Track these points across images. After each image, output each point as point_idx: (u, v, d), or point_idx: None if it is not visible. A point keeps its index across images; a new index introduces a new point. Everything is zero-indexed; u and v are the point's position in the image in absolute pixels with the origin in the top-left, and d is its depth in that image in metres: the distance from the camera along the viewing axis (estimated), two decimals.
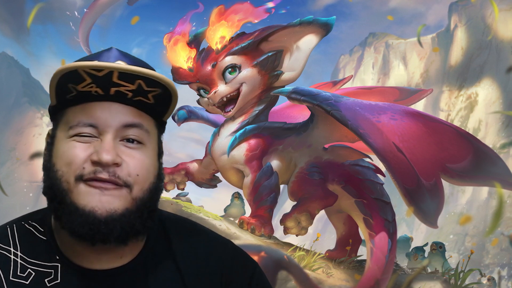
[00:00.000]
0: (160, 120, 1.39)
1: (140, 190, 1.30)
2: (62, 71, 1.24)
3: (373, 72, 13.71)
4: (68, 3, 11.30)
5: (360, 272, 4.69)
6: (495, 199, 9.50)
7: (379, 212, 4.55)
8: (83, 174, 1.26)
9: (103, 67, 1.23)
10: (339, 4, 11.90)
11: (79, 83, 1.26)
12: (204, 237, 1.49)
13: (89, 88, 1.27)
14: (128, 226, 1.29)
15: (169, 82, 1.28)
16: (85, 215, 1.25)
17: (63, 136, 1.31)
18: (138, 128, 1.31)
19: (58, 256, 1.34)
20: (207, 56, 4.69)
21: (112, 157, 1.26)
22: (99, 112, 1.29)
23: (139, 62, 1.35)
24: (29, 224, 1.39)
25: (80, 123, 1.29)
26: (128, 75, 1.25)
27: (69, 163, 1.28)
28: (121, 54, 1.35)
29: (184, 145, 11.67)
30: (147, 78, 1.26)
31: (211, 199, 8.30)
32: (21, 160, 12.05)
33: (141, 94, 1.29)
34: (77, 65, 1.23)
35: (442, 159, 4.46)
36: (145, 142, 1.32)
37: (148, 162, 1.32)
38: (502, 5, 10.65)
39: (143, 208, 1.31)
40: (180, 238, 1.45)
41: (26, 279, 1.31)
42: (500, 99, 10.98)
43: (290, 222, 4.59)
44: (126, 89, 1.27)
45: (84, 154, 1.27)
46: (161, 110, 1.35)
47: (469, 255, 5.35)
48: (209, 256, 1.44)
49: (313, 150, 4.74)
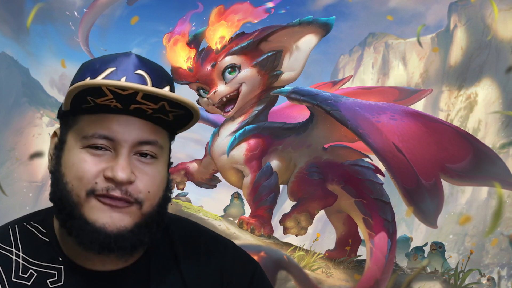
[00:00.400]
0: (174, 133, 1.37)
1: (150, 206, 1.28)
2: (84, 87, 1.20)
3: (372, 72, 13.71)
4: (68, 3, 11.30)
5: (359, 272, 4.69)
6: (495, 199, 9.50)
7: (378, 212, 4.55)
8: (95, 189, 1.24)
9: (129, 88, 1.19)
10: (339, 4, 11.89)
11: (99, 97, 1.22)
12: (205, 237, 1.49)
13: (109, 102, 1.23)
14: (137, 241, 1.28)
15: (194, 106, 1.23)
16: (95, 232, 1.24)
17: (74, 144, 1.27)
18: (152, 145, 1.29)
19: (61, 258, 1.34)
20: (207, 56, 4.69)
21: (127, 176, 1.24)
22: (116, 126, 1.25)
23: (159, 72, 1.32)
24: (30, 225, 1.38)
25: (96, 135, 1.25)
26: (153, 96, 1.21)
27: (80, 177, 1.25)
28: (141, 62, 1.30)
29: (184, 145, 11.66)
30: (173, 101, 1.22)
31: (210, 199, 8.29)
32: (21, 160, 12.03)
33: (162, 112, 1.26)
34: (101, 83, 1.19)
35: (441, 159, 4.46)
36: (158, 157, 1.30)
37: (159, 178, 1.30)
38: (502, 5, 10.65)
39: (152, 223, 1.30)
40: (182, 239, 1.44)
41: (28, 280, 1.30)
42: (499, 99, 10.97)
43: (289, 222, 4.60)
44: (147, 107, 1.24)
45: (96, 168, 1.25)
46: (177, 127, 1.33)
47: (468, 255, 5.35)
48: (210, 256, 1.44)
49: (312, 150, 4.74)
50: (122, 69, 1.27)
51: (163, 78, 1.32)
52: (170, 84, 1.33)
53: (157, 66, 1.33)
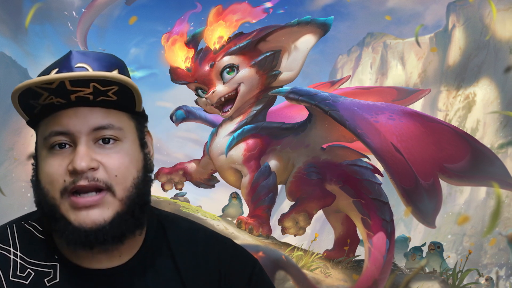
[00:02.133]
0: (134, 112, 1.36)
1: (123, 189, 1.30)
2: (18, 91, 1.25)
3: (371, 72, 13.70)
4: (66, 3, 11.29)
5: (358, 272, 4.69)
6: (493, 199, 9.49)
7: (377, 212, 4.55)
8: (66, 187, 1.27)
9: (51, 80, 1.22)
10: (337, 4, 11.88)
11: (39, 98, 1.26)
12: (202, 235, 1.49)
13: (50, 100, 1.26)
14: (120, 230, 1.29)
15: (121, 78, 1.25)
16: (75, 231, 1.27)
17: (41, 150, 1.32)
18: (109, 129, 1.30)
19: (56, 256, 1.35)
20: (205, 56, 4.69)
21: (86, 163, 1.26)
22: (66, 119, 1.29)
23: (103, 59, 1.34)
24: (28, 224, 1.40)
25: (52, 133, 1.29)
26: (79, 80, 1.23)
27: (50, 181, 1.28)
28: (82, 55, 1.33)
29: (182, 145, 11.65)
30: (99, 79, 1.24)
31: (209, 199, 8.28)
32: (19, 160, 12.02)
33: (101, 94, 1.27)
34: (28, 83, 1.23)
35: (440, 159, 4.46)
36: (121, 139, 1.31)
37: (127, 160, 1.31)
38: (500, 5, 10.65)
39: (133, 206, 1.31)
40: (179, 236, 1.45)
41: (26, 279, 1.31)
42: (498, 99, 10.97)
43: (288, 222, 4.59)
44: (85, 93, 1.26)
45: (61, 168, 1.28)
46: (128, 103, 1.33)
47: (467, 255, 5.35)
48: (208, 254, 1.45)
49: (311, 150, 4.74)
50: (64, 67, 1.30)
51: (109, 64, 1.34)
52: (119, 67, 1.34)
53: (101, 55, 1.35)
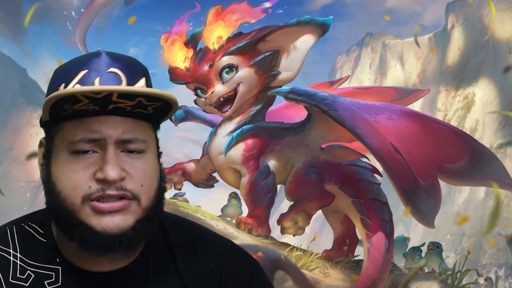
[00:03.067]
0: (158, 123, 1.36)
1: (147, 199, 1.28)
2: (58, 97, 1.19)
3: (370, 72, 13.72)
4: (65, 3, 11.29)
5: (357, 272, 4.69)
6: (492, 199, 9.51)
7: (376, 212, 4.55)
8: (90, 193, 1.23)
9: (102, 90, 1.18)
10: (336, 4, 11.90)
11: (76, 104, 1.21)
12: (203, 237, 1.48)
13: (86, 107, 1.22)
14: (142, 236, 1.29)
15: (170, 97, 1.23)
16: (98, 236, 1.24)
17: (61, 151, 1.27)
18: (136, 142, 1.28)
19: (58, 259, 1.33)
20: (204, 56, 4.69)
21: (118, 174, 1.23)
22: (98, 126, 1.25)
23: (132, 65, 1.32)
24: (28, 226, 1.38)
25: (83, 140, 1.24)
26: (128, 94, 1.21)
27: (73, 186, 1.24)
28: (112, 59, 1.29)
29: (181, 145, 11.66)
30: (148, 95, 1.22)
31: (208, 199, 8.29)
32: (18, 160, 12.03)
33: (140, 107, 1.25)
34: (74, 91, 1.17)
35: (439, 159, 4.46)
36: (145, 150, 1.30)
37: (150, 170, 1.30)
38: (499, 5, 10.66)
39: (152, 215, 1.30)
40: (180, 238, 1.44)
41: (26, 281, 1.30)
42: (497, 99, 10.99)
43: (287, 222, 4.59)
44: (125, 105, 1.23)
45: (87, 174, 1.24)
46: (159, 117, 1.32)
47: (466, 255, 5.36)
48: (209, 255, 1.44)
49: (310, 150, 4.74)
50: (94, 70, 1.27)
51: (138, 71, 1.32)
52: (145, 75, 1.33)
53: (129, 60, 1.33)
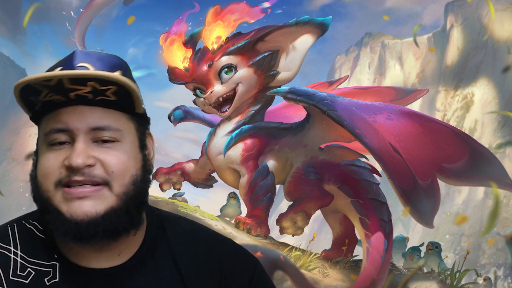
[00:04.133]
0: (134, 113, 1.36)
1: (121, 185, 1.30)
2: (18, 87, 1.26)
3: (369, 72, 13.71)
4: (64, 3, 11.28)
5: (356, 272, 4.69)
6: (491, 199, 9.50)
7: (375, 212, 4.55)
8: (60, 179, 1.28)
9: (49, 76, 1.23)
10: (335, 4, 11.88)
11: (39, 95, 1.27)
12: (203, 235, 1.50)
13: (50, 97, 1.28)
14: (112, 225, 1.29)
15: (118, 78, 1.26)
16: (66, 222, 1.27)
17: (41, 146, 1.34)
18: (107, 130, 1.30)
19: (56, 255, 1.35)
20: (203, 56, 4.69)
21: (82, 160, 1.27)
22: (65, 117, 1.30)
23: (105, 60, 1.34)
24: (29, 223, 1.40)
25: (52, 130, 1.30)
26: (78, 79, 1.24)
27: (46, 173, 1.30)
28: (85, 55, 1.34)
29: (180, 145, 11.65)
30: (97, 78, 1.25)
31: (207, 199, 8.29)
32: (17, 160, 12.02)
33: (100, 93, 1.28)
34: (27, 79, 1.24)
35: (438, 159, 4.46)
36: (119, 139, 1.32)
37: (124, 157, 1.32)
38: (498, 5, 10.65)
39: (129, 203, 1.31)
40: (179, 236, 1.45)
41: (26, 278, 1.32)
42: (496, 99, 10.98)
43: (286, 222, 4.59)
44: (83, 92, 1.27)
45: (57, 161, 1.29)
46: (127, 104, 1.33)
47: (465, 255, 5.35)
48: (209, 254, 1.45)
49: (309, 150, 4.74)
50: (66, 66, 1.32)
51: (111, 65, 1.34)
52: (122, 69, 1.35)
53: (104, 55, 1.36)
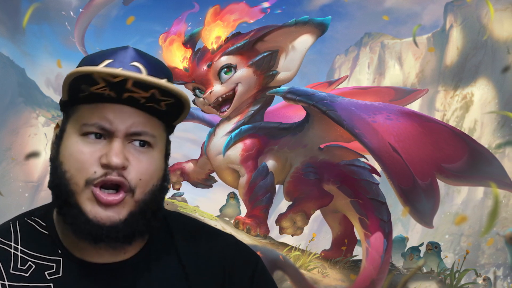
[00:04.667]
0: (170, 125, 1.40)
1: (142, 193, 1.31)
2: (77, 74, 1.24)
3: (368, 72, 13.72)
4: (64, 3, 11.29)
5: (355, 272, 4.69)
6: (491, 199, 9.51)
7: (374, 212, 4.55)
8: (94, 178, 1.28)
9: (118, 74, 1.23)
10: (335, 4, 11.90)
11: (93, 85, 1.27)
12: (206, 232, 1.51)
13: (102, 91, 1.27)
14: (131, 229, 1.31)
15: (183, 94, 1.27)
16: (89, 222, 1.28)
17: (73, 133, 1.32)
18: (145, 135, 1.32)
19: (60, 250, 1.36)
20: (203, 56, 4.69)
21: (121, 161, 1.27)
22: (111, 115, 1.30)
23: (156, 65, 1.36)
24: (31, 220, 1.41)
25: (94, 125, 1.30)
26: (143, 84, 1.25)
27: (79, 168, 1.29)
28: (138, 55, 1.35)
29: (180, 145, 11.65)
30: (162, 88, 1.26)
31: (206, 199, 8.29)
32: (17, 160, 12.02)
33: (153, 101, 1.29)
34: (92, 70, 1.24)
35: (437, 159, 4.46)
36: (152, 145, 1.34)
37: (153, 167, 1.33)
38: (498, 5, 10.66)
39: (146, 209, 1.32)
40: (182, 233, 1.47)
41: (26, 272, 1.32)
42: (495, 99, 10.98)
43: (285, 222, 4.59)
44: (139, 96, 1.28)
45: (93, 157, 1.29)
46: (171, 116, 1.36)
47: (464, 255, 5.36)
48: (212, 250, 1.46)
49: (308, 150, 4.74)
50: (118, 61, 1.32)
51: (160, 71, 1.36)
52: (168, 77, 1.36)
53: (155, 60, 1.37)
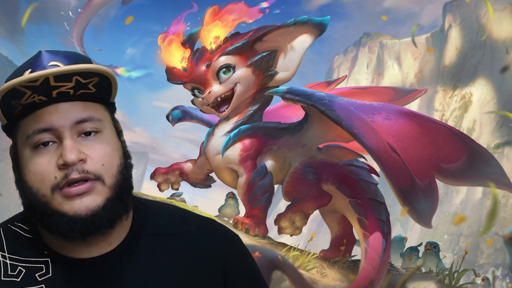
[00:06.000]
0: (108, 103, 1.42)
1: (111, 176, 1.34)
2: (2, 92, 1.27)
3: (367, 72, 13.71)
4: (63, 3, 11.28)
5: (354, 272, 4.69)
6: (490, 199, 9.51)
7: (373, 212, 4.55)
8: (57, 183, 1.30)
9: (37, 77, 1.26)
10: (333, 4, 11.89)
11: (21, 98, 1.29)
12: (192, 217, 1.55)
13: (32, 99, 1.30)
14: (113, 213, 1.33)
15: (103, 69, 1.31)
16: (71, 221, 1.30)
17: (23, 150, 1.35)
18: (90, 121, 1.34)
19: (46, 251, 1.38)
20: (202, 56, 4.68)
21: (76, 156, 1.29)
22: (48, 116, 1.32)
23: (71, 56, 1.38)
24: (14, 226, 1.43)
25: (35, 131, 1.32)
26: (63, 75, 1.28)
27: (41, 179, 1.31)
28: (52, 54, 1.36)
29: (178, 145, 11.65)
30: (82, 72, 1.29)
31: (205, 199, 8.30)
32: None
33: (82, 87, 1.32)
34: (13, 83, 1.26)
35: (436, 159, 4.46)
36: (101, 130, 1.36)
37: (109, 148, 1.36)
38: (497, 5, 10.65)
39: (121, 191, 1.35)
40: (167, 220, 1.50)
41: (17, 277, 1.34)
42: (494, 99, 10.98)
43: (284, 222, 4.59)
44: (66, 88, 1.30)
45: (50, 165, 1.31)
46: (105, 95, 1.39)
47: (463, 255, 5.35)
48: (203, 233, 1.50)
49: (307, 150, 4.74)
50: (37, 67, 1.33)
51: (76, 59, 1.37)
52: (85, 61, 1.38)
53: (69, 52, 1.39)
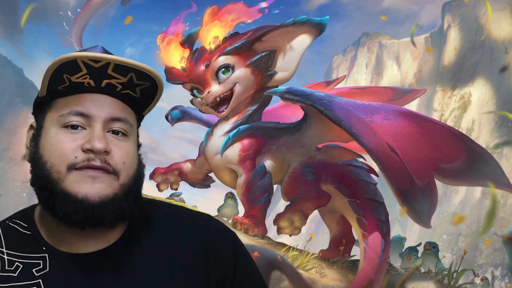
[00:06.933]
0: (139, 114, 1.46)
1: (126, 177, 1.37)
2: (62, 61, 1.29)
3: (366, 72, 13.73)
4: (62, 3, 11.29)
5: (353, 272, 4.69)
6: (489, 199, 9.53)
7: (372, 212, 4.55)
8: (76, 162, 1.32)
9: (102, 58, 1.29)
10: (333, 4, 11.90)
11: (74, 74, 1.32)
12: (186, 213, 1.57)
13: (83, 79, 1.33)
14: (118, 210, 1.34)
15: (158, 76, 1.34)
16: (79, 202, 1.30)
17: (51, 126, 1.36)
18: (123, 122, 1.38)
19: (44, 247, 1.39)
20: (201, 56, 4.68)
21: (104, 145, 1.32)
22: (89, 103, 1.36)
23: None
24: (13, 222, 1.44)
25: (72, 112, 1.35)
26: (122, 67, 1.31)
27: (59, 154, 1.32)
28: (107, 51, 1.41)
29: (178, 145, 11.67)
30: (139, 71, 1.32)
31: (204, 199, 8.30)
32: (15, 160, 12.02)
33: (129, 87, 1.36)
34: (76, 55, 1.29)
35: (435, 159, 4.46)
36: (128, 134, 1.39)
37: (132, 152, 1.39)
38: (495, 5, 10.67)
39: (129, 193, 1.37)
40: (163, 216, 1.52)
41: (15, 272, 1.35)
42: (493, 99, 11.00)
43: (283, 222, 4.59)
44: (117, 82, 1.34)
45: (74, 144, 1.33)
46: (144, 104, 1.43)
47: (462, 255, 5.36)
48: (195, 229, 1.51)
49: (306, 150, 4.74)
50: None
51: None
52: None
53: None
